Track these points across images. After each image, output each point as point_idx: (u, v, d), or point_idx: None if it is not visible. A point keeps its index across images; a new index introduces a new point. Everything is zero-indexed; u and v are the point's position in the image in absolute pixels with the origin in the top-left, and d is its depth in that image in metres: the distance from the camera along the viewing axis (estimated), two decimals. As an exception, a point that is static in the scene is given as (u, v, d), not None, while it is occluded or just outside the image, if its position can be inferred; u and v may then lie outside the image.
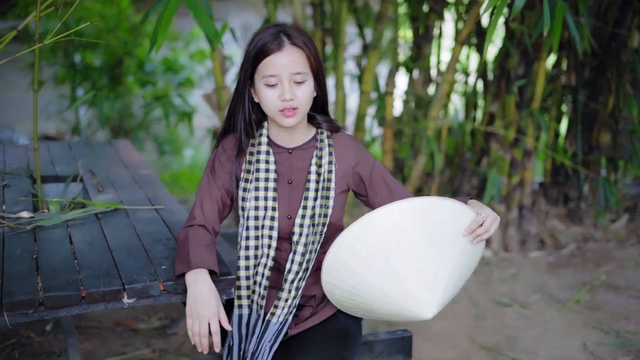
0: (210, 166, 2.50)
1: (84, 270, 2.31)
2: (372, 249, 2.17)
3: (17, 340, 3.90)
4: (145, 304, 2.27)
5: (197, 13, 2.72)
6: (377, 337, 2.81)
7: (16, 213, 2.85)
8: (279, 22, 2.52)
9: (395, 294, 2.18)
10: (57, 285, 2.18)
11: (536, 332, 4.09)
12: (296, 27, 2.39)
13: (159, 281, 2.25)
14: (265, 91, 2.32)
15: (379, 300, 2.22)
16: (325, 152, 2.44)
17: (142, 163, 3.93)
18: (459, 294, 4.57)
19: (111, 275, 2.28)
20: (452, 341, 3.99)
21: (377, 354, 2.81)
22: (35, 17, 2.93)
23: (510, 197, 5.32)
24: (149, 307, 4.33)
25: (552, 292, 4.62)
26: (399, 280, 2.17)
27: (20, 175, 3.42)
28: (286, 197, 2.45)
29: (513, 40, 5.00)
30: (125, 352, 3.82)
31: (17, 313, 2.10)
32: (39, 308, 2.11)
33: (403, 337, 2.83)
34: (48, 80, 8.56)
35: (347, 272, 2.22)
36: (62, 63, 8.49)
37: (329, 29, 5.52)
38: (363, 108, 5.35)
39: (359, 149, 2.53)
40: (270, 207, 2.42)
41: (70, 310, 2.15)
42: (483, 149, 5.58)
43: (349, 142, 2.52)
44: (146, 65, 8.75)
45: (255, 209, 2.42)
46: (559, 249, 5.27)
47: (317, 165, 2.43)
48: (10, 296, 2.10)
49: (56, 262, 2.38)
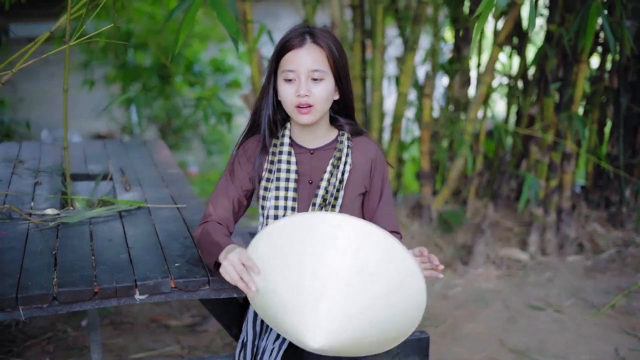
0: (230, 167, 2.54)
1: (99, 266, 2.37)
2: (289, 255, 2.04)
3: (53, 334, 3.99)
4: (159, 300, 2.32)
5: (219, 12, 2.76)
6: (394, 337, 2.82)
7: (43, 210, 2.93)
8: (310, 24, 2.55)
9: (292, 308, 2.04)
10: (72, 280, 2.24)
11: (568, 337, 4.05)
12: (325, 29, 2.42)
13: (170, 278, 2.30)
14: (283, 86, 2.36)
15: (278, 307, 2.09)
16: (343, 154, 2.46)
17: (172, 162, 3.99)
18: (492, 296, 4.56)
19: (125, 271, 2.34)
20: (482, 343, 3.98)
21: (394, 354, 2.82)
22: (67, 20, 2.99)
23: (548, 201, 5.27)
24: (183, 304, 4.40)
25: (588, 297, 4.57)
26: (300, 295, 2.02)
27: (52, 173, 3.51)
28: (306, 197, 2.47)
29: (552, 43, 4.96)
30: (155, 348, 3.88)
31: (31, 307, 2.17)
32: (52, 303, 2.18)
33: (420, 338, 2.85)
34: (99, 80, 8.74)
35: (262, 264, 2.11)
36: (112, 63, 8.65)
37: (368, 30, 5.53)
38: (400, 109, 5.36)
39: (379, 155, 2.54)
40: (290, 206, 2.45)
41: (83, 305, 2.21)
42: (523, 151, 5.54)
43: (369, 146, 2.54)
44: (195, 65, 8.86)
45: (275, 208, 2.45)
46: (598, 254, 5.20)
47: (333, 165, 2.45)
48: (25, 290, 2.17)
49: (74, 258, 2.44)
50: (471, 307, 4.45)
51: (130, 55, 8.59)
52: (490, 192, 5.69)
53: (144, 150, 4.27)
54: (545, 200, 5.29)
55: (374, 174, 2.52)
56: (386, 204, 2.55)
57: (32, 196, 3.17)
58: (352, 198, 2.49)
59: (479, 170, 5.51)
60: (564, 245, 5.25)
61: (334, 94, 2.43)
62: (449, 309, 4.43)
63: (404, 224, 5.34)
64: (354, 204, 2.51)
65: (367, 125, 5.55)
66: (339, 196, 2.45)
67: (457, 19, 5.59)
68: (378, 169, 2.52)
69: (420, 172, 5.48)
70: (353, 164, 2.48)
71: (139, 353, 3.81)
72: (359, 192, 2.51)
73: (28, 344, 3.86)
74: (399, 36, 5.84)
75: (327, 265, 1.98)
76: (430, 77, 5.43)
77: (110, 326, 4.12)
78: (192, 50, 8.77)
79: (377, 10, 5.19)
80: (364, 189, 2.52)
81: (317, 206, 2.42)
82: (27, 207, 3.00)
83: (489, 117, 5.69)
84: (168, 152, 4.28)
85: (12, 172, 3.58)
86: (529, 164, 5.37)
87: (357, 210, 2.53)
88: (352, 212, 2.50)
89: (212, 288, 2.34)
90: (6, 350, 3.75)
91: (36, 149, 4.08)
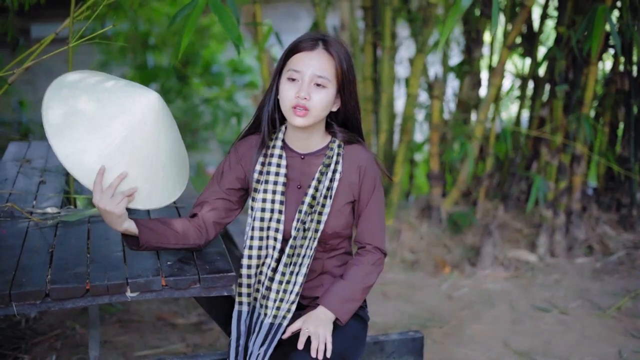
0: (220, 167, 2.57)
1: (93, 264, 2.42)
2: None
3: (61, 331, 4.06)
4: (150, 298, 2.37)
5: (221, 16, 2.80)
6: (389, 337, 2.86)
7: (44, 209, 2.98)
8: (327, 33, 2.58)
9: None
10: (64, 278, 2.29)
11: (572, 338, 4.06)
12: (339, 40, 2.46)
13: (161, 276, 2.34)
14: (285, 85, 2.39)
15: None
16: (333, 161, 2.48)
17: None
18: (498, 297, 4.57)
19: (118, 269, 2.39)
20: (486, 344, 3.99)
21: (388, 353, 2.86)
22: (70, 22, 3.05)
23: (557, 203, 5.27)
24: (191, 303, 4.45)
25: (594, 299, 4.57)
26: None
27: (57, 173, 3.57)
28: (294, 201, 2.50)
29: (561, 45, 4.95)
30: (160, 346, 3.94)
31: (25, 303, 2.23)
32: (45, 299, 2.23)
33: (414, 337, 2.88)
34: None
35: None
36: (131, 64, 8.74)
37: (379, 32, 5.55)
38: (409, 111, 5.38)
39: (370, 165, 2.53)
40: (277, 209, 2.48)
41: (76, 302, 2.27)
42: (534, 153, 5.54)
43: (361, 155, 2.53)
44: (213, 66, 8.92)
45: (262, 210, 2.48)
46: (607, 256, 5.19)
47: (321, 172, 2.48)
48: (19, 287, 2.24)
49: (69, 255, 2.50)
50: (477, 308, 4.47)
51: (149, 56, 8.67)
52: (500, 193, 5.70)
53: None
54: (555, 202, 5.29)
55: (362, 183, 2.51)
56: (370, 216, 2.54)
57: (35, 195, 3.23)
58: (340, 207, 2.50)
59: (489, 171, 5.52)
60: (573, 247, 5.24)
61: (332, 104, 2.45)
62: (454, 309, 4.45)
63: (414, 225, 5.36)
64: (342, 212, 2.51)
65: (376, 127, 5.58)
66: (327, 204, 2.46)
67: (468, 21, 5.60)
68: (367, 179, 2.51)
69: (430, 174, 5.50)
70: (342, 172, 2.50)
71: (144, 350, 3.87)
72: (347, 201, 2.51)
73: (36, 340, 3.92)
74: (410, 37, 5.85)
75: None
76: (440, 79, 5.45)
77: (117, 324, 4.18)
78: (210, 51, 8.83)
79: (386, 11, 5.22)
80: (352, 198, 2.52)
81: (303, 213, 2.45)
82: (29, 205, 3.06)
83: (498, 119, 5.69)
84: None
85: (18, 171, 3.64)
86: (539, 166, 5.37)
87: (345, 218, 2.53)
88: (340, 220, 2.51)
89: (202, 286, 2.38)
90: (14, 347, 3.82)
91: (44, 148, 4.14)
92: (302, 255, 2.45)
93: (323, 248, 2.52)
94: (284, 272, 2.45)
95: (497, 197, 5.66)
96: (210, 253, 2.57)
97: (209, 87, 8.88)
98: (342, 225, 2.52)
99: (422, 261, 5.16)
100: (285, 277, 2.45)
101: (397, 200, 5.50)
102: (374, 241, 2.55)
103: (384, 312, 4.37)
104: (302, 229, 2.45)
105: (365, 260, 2.53)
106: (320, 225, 2.45)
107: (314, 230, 2.45)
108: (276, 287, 2.45)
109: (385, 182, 5.43)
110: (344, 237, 2.57)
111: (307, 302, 2.57)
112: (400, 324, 4.21)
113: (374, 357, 2.84)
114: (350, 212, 2.54)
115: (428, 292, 4.73)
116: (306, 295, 2.55)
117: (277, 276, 2.45)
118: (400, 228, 5.37)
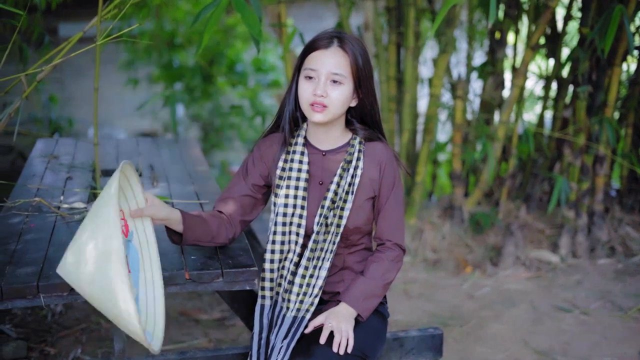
0: (244, 164, 2.63)
1: (119, 257, 2.46)
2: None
3: (87, 325, 4.12)
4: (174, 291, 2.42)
5: (244, 14, 2.83)
6: (408, 333, 2.88)
7: (71, 204, 3.04)
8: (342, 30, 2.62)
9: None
10: (91, 270, 2.34)
11: (592, 339, 4.07)
12: (355, 37, 2.50)
13: (185, 270, 2.39)
14: (303, 83, 2.44)
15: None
16: (354, 157, 2.53)
17: (201, 160, 4.09)
18: (519, 297, 4.58)
19: (143, 263, 2.43)
20: (505, 344, 4.01)
21: (408, 350, 2.88)
22: (97, 21, 3.10)
23: (579, 204, 5.27)
24: (214, 298, 4.49)
25: (616, 300, 4.57)
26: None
27: (84, 169, 3.63)
28: (316, 197, 2.54)
29: (584, 46, 4.95)
30: (183, 341, 3.99)
31: (52, 295, 2.29)
32: (72, 291, 2.29)
33: (434, 334, 2.90)
34: (143, 80, 8.89)
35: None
36: (157, 63, 8.80)
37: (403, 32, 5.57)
38: (432, 110, 5.41)
39: (390, 161, 2.57)
40: (299, 205, 2.52)
41: (101, 294, 2.31)
42: (557, 154, 5.55)
43: (382, 151, 2.57)
44: (237, 65, 8.95)
45: (285, 206, 2.53)
46: (630, 257, 5.18)
47: (343, 169, 2.52)
48: (47, 279, 2.31)
49: (96, 249, 2.54)
50: (497, 307, 4.48)
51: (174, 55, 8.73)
52: (522, 194, 5.70)
53: (176, 148, 4.38)
54: (577, 203, 5.29)
55: (382, 179, 2.55)
56: (390, 212, 2.59)
57: (62, 190, 3.29)
58: (361, 202, 2.55)
59: (512, 172, 5.53)
60: (595, 248, 5.24)
61: (350, 100, 2.49)
62: (475, 309, 4.47)
63: (436, 224, 5.38)
64: (363, 208, 2.55)
65: (399, 126, 5.60)
66: (348, 199, 2.50)
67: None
68: (387, 175, 2.56)
69: (452, 174, 5.52)
70: (363, 168, 2.54)
71: (167, 345, 3.91)
72: (367, 197, 2.55)
73: (62, 334, 3.98)
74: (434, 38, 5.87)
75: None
76: (463, 79, 5.47)
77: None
78: (235, 50, 8.86)
79: (409, 12, 5.24)
80: (372, 194, 2.56)
81: (325, 208, 2.49)
82: (56, 200, 3.12)
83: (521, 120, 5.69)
84: (199, 150, 4.38)
85: (46, 167, 3.71)
86: (562, 167, 5.37)
87: (366, 214, 2.57)
88: (362, 216, 2.56)
89: (225, 281, 2.43)
90: (41, 340, 3.88)
91: (71, 145, 4.21)
92: (325, 250, 2.50)
93: (344, 244, 2.56)
94: (307, 267, 2.49)
95: (519, 198, 5.67)
96: (233, 248, 2.62)
97: (233, 86, 8.91)
98: (364, 220, 2.56)
99: (444, 260, 5.18)
100: (308, 271, 2.49)
101: (420, 200, 5.52)
102: (394, 238, 2.59)
103: (405, 311, 4.40)
104: (325, 224, 2.49)
105: (384, 257, 2.56)
106: (343, 220, 2.49)
107: (337, 226, 2.49)
108: (299, 282, 2.49)
109: (406, 181, 5.46)
110: (364, 233, 2.60)
111: (327, 297, 2.61)
112: (421, 322, 4.23)
113: (393, 353, 2.86)
114: (371, 207, 2.58)
115: (449, 292, 4.75)
116: (327, 290, 2.59)
117: (300, 270, 2.49)
118: (422, 227, 5.39)
